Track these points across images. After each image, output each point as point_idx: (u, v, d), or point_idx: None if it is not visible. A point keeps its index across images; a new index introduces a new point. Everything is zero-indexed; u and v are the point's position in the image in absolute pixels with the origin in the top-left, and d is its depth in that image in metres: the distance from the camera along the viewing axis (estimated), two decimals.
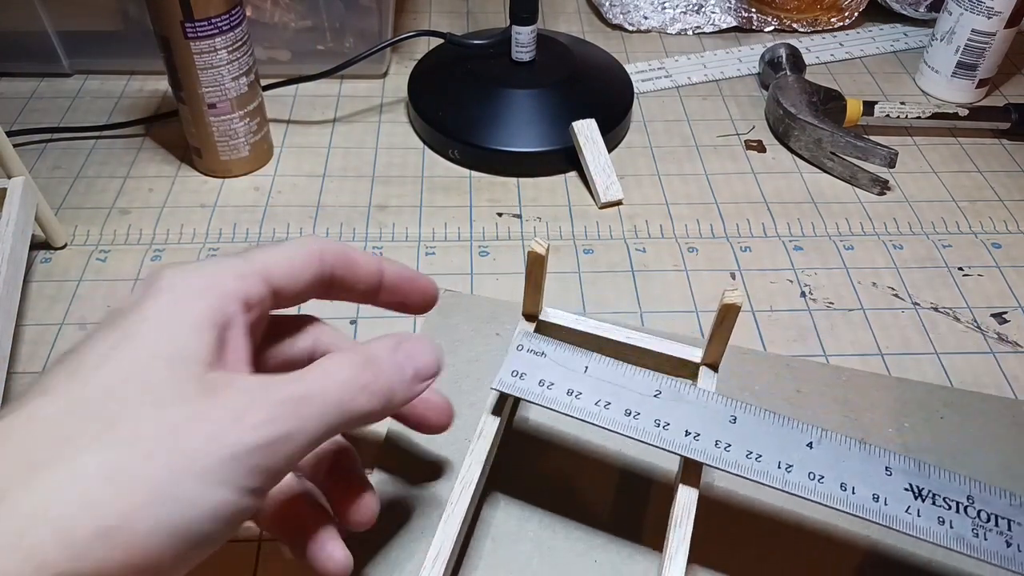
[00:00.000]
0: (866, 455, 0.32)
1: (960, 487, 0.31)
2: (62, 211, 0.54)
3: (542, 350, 0.35)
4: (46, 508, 0.21)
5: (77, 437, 0.22)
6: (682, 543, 0.31)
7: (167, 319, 0.25)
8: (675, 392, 0.34)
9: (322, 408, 0.26)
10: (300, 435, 0.25)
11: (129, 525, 0.21)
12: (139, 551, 0.22)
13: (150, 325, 0.25)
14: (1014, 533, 0.30)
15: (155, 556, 0.22)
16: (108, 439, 0.22)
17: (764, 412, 0.33)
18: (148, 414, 0.23)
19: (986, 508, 0.31)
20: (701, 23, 0.75)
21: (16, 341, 0.45)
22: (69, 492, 0.21)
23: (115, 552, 0.21)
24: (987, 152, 0.62)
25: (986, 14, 0.61)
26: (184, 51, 0.50)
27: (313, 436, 0.25)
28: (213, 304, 0.26)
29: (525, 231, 0.53)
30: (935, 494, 0.31)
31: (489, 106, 0.59)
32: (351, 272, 0.32)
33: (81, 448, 0.22)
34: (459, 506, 0.32)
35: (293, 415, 0.25)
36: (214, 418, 0.23)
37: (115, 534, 0.21)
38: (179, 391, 0.24)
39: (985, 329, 0.47)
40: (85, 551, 0.21)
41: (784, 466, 0.32)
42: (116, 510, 0.21)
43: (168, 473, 0.22)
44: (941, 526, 0.30)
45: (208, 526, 0.23)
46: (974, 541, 0.30)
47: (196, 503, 0.23)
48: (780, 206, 0.56)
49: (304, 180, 0.57)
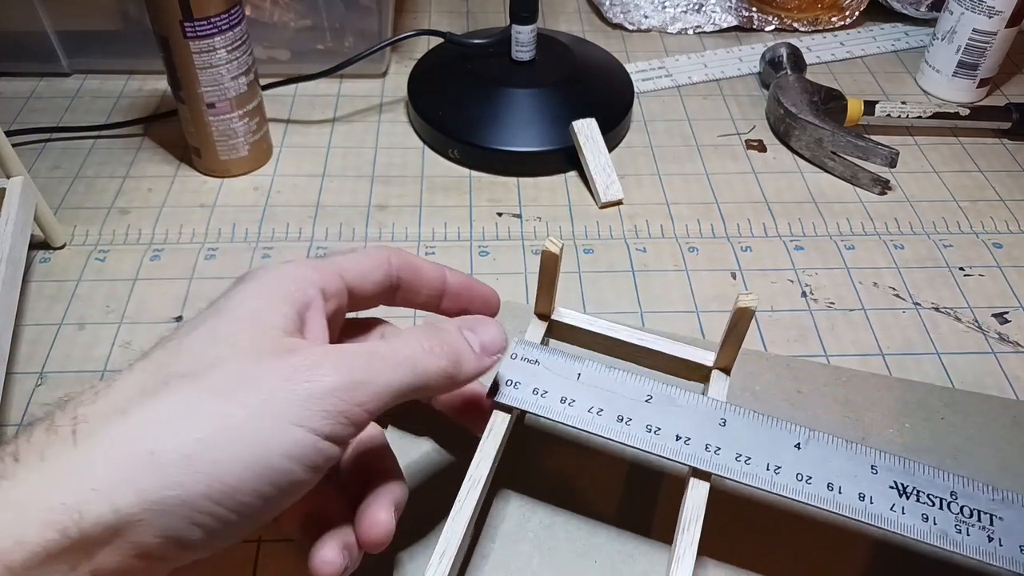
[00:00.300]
0: (852, 454, 0.33)
1: (944, 483, 0.32)
2: (61, 211, 0.54)
3: (536, 358, 0.36)
4: (134, 437, 0.23)
5: (166, 383, 0.25)
6: (692, 542, 0.31)
7: (253, 297, 0.28)
8: (666, 396, 0.35)
9: (393, 363, 0.28)
10: (372, 385, 0.27)
11: (209, 454, 0.24)
12: (218, 480, 0.24)
13: (237, 302, 0.28)
14: (996, 528, 0.31)
15: (233, 485, 0.24)
16: (193, 385, 0.25)
17: (753, 414, 0.34)
18: (230, 365, 0.25)
19: (969, 503, 0.31)
20: (702, 22, 0.75)
21: (15, 341, 0.45)
22: (155, 425, 0.24)
23: (197, 477, 0.23)
24: (988, 152, 0.61)
25: (987, 13, 0.61)
26: (183, 50, 0.50)
27: (386, 387, 0.27)
28: (292, 287, 0.29)
29: (525, 231, 0.53)
30: (919, 491, 0.32)
31: (489, 106, 0.59)
32: (416, 277, 0.34)
33: (170, 390, 0.25)
34: (467, 504, 0.32)
35: (366, 366, 0.27)
36: (291, 364, 0.26)
37: (195, 461, 0.23)
38: (260, 347, 0.26)
39: (986, 329, 0.47)
40: (170, 475, 0.23)
41: (773, 468, 0.32)
42: (196, 439, 0.24)
43: (246, 411, 0.24)
44: (925, 523, 0.31)
45: (284, 463, 0.25)
46: (957, 537, 0.31)
47: (272, 440, 0.24)
48: (781, 206, 0.56)
49: (304, 180, 0.57)
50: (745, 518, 0.37)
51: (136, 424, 0.24)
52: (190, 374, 0.25)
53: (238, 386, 0.25)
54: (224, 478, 0.24)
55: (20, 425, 0.41)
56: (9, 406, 0.41)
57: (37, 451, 0.23)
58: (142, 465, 0.23)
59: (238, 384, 0.25)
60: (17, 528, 0.22)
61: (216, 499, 0.24)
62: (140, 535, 0.23)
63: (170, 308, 0.47)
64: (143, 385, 0.25)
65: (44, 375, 0.43)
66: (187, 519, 0.23)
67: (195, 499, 0.23)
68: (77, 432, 0.24)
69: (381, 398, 0.27)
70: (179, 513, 0.23)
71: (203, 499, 0.23)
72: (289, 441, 0.25)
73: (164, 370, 0.25)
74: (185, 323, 0.28)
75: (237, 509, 0.24)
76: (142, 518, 0.23)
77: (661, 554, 0.36)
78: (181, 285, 0.49)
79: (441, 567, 0.30)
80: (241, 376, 0.25)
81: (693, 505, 0.32)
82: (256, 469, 0.24)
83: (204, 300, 0.47)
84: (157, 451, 0.23)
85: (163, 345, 0.27)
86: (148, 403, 0.24)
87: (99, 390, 0.25)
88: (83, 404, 0.25)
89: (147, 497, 0.23)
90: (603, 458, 0.40)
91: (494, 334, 0.32)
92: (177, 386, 0.25)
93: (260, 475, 0.24)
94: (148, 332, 0.46)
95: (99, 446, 0.23)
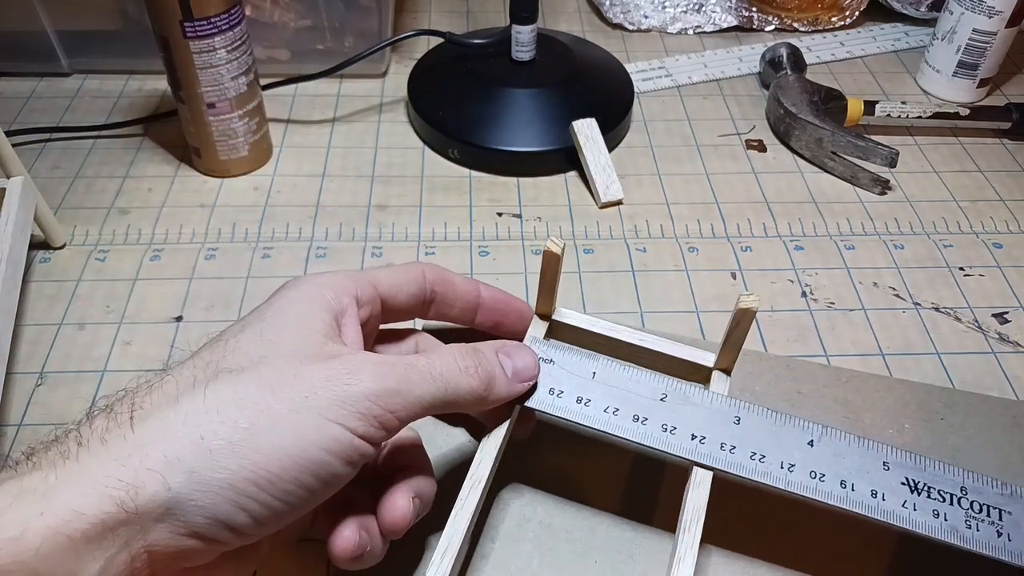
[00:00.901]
0: (865, 450, 0.33)
1: (954, 479, 0.32)
2: (61, 211, 0.54)
3: (551, 357, 0.36)
4: (186, 423, 0.25)
5: (216, 376, 0.27)
6: (693, 543, 0.31)
7: (294, 305, 0.30)
8: (681, 395, 0.35)
9: (428, 377, 0.30)
10: (406, 394, 0.29)
11: (254, 442, 0.26)
12: (262, 467, 0.25)
13: (279, 307, 0.30)
14: (1005, 523, 0.31)
15: (276, 473, 0.26)
16: (241, 377, 0.27)
17: (767, 411, 0.34)
18: (276, 363, 0.28)
19: (979, 499, 0.32)
20: (702, 22, 0.75)
21: (15, 341, 0.45)
22: (205, 413, 0.26)
23: (243, 463, 0.25)
24: (988, 152, 0.61)
25: (987, 13, 0.61)
26: (183, 50, 0.50)
27: (418, 399, 0.29)
28: (329, 296, 0.31)
29: (525, 231, 0.53)
30: (930, 487, 0.32)
31: (489, 106, 0.59)
32: (450, 291, 0.36)
33: (220, 382, 0.27)
34: (468, 503, 0.32)
35: (402, 377, 0.29)
36: (332, 368, 0.28)
37: (241, 448, 0.25)
38: (303, 350, 0.28)
39: (986, 329, 0.47)
40: (217, 459, 0.25)
41: (787, 466, 0.32)
42: (242, 428, 0.26)
43: (289, 405, 0.26)
44: (936, 519, 0.31)
45: (322, 455, 0.26)
46: (967, 532, 0.31)
47: (312, 433, 0.26)
48: (781, 206, 0.56)
49: (303, 180, 0.57)
50: (750, 507, 0.37)
51: (188, 411, 0.26)
52: (238, 368, 0.27)
53: (282, 382, 0.27)
54: (268, 466, 0.26)
55: (20, 425, 0.41)
56: (9, 406, 0.41)
57: (98, 436, 0.25)
58: (192, 449, 0.25)
59: (282, 380, 0.27)
60: (79, 500, 0.23)
61: (261, 485, 0.26)
62: (190, 514, 0.25)
63: (170, 308, 0.47)
64: (194, 378, 0.27)
65: (44, 375, 0.43)
66: (234, 502, 0.25)
67: (241, 483, 0.25)
68: (134, 418, 0.26)
69: (412, 408, 0.29)
70: (226, 496, 0.25)
71: (249, 484, 0.25)
72: (327, 436, 0.27)
73: (213, 366, 0.28)
74: (230, 327, 0.30)
75: (280, 496, 0.26)
76: (192, 498, 0.25)
77: (662, 554, 0.36)
78: (181, 285, 0.49)
79: (443, 566, 0.30)
80: (285, 373, 0.27)
81: (694, 507, 0.32)
82: (298, 459, 0.26)
83: (204, 300, 0.48)
84: (206, 436, 0.25)
85: (211, 346, 0.29)
86: (199, 393, 0.26)
87: (153, 384, 0.27)
88: (139, 394, 0.27)
89: (197, 478, 0.25)
90: (606, 448, 0.40)
91: (528, 362, 0.34)
92: (227, 379, 0.27)
93: (301, 465, 0.26)
94: (148, 332, 0.46)
95: (154, 430, 0.25)
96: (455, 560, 0.30)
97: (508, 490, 0.38)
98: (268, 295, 0.32)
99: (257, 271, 0.50)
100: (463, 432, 0.40)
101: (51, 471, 0.24)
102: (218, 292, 0.48)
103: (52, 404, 0.42)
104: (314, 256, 0.51)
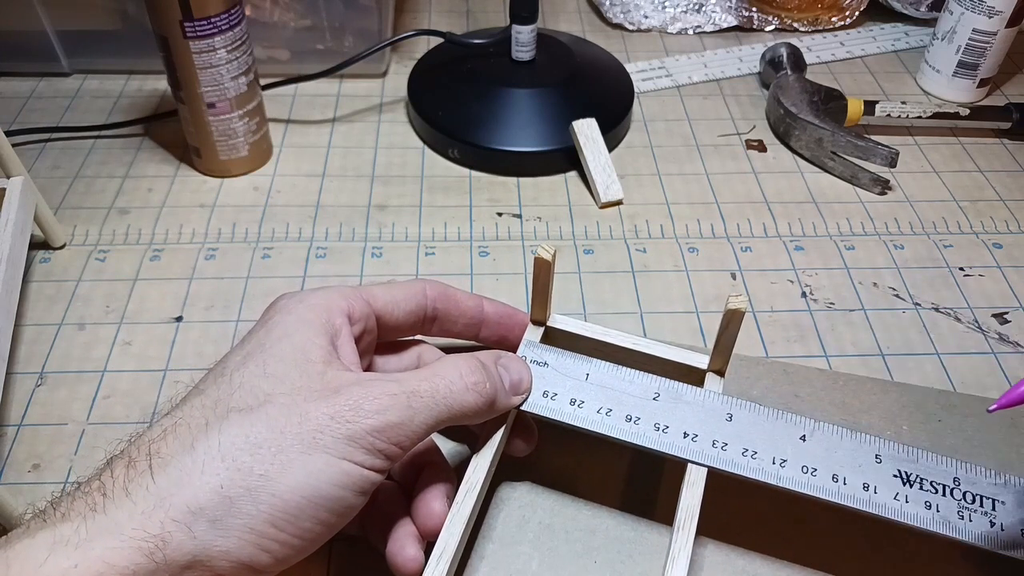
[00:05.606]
0: (857, 443, 0.33)
1: (946, 469, 0.33)
2: (61, 211, 0.54)
3: (544, 360, 0.36)
4: (204, 472, 0.26)
5: (226, 417, 0.28)
6: (687, 542, 0.31)
7: (291, 332, 0.31)
8: (673, 393, 0.35)
9: (431, 402, 0.30)
10: (410, 424, 0.29)
11: (271, 487, 0.26)
12: (280, 509, 0.26)
13: (276, 337, 0.30)
14: (998, 512, 0.31)
15: (294, 513, 0.27)
16: (251, 418, 0.28)
17: (759, 407, 0.34)
18: (281, 401, 0.28)
19: (972, 489, 0.32)
20: (702, 22, 0.75)
21: (15, 341, 0.45)
22: (220, 461, 0.26)
23: (260, 508, 0.26)
24: (988, 152, 0.61)
25: (987, 13, 0.61)
26: (183, 50, 0.50)
27: (422, 426, 0.30)
28: (323, 317, 0.31)
29: (525, 231, 0.53)
30: (922, 478, 0.32)
31: (489, 106, 0.59)
32: (453, 306, 0.36)
33: (231, 423, 0.27)
34: (464, 507, 0.32)
35: (405, 406, 0.29)
36: (335, 405, 0.28)
37: (259, 494, 0.26)
38: (306, 386, 0.29)
39: (986, 329, 0.47)
40: (237, 507, 0.26)
41: (779, 461, 0.33)
42: (259, 475, 0.26)
43: (299, 448, 0.27)
44: (928, 511, 0.31)
45: (335, 491, 0.27)
46: (959, 524, 0.31)
47: (323, 472, 0.27)
48: (781, 206, 0.56)
49: (303, 180, 0.57)
50: (749, 504, 0.37)
51: (205, 460, 0.27)
52: (247, 408, 0.28)
53: (290, 423, 0.28)
54: (285, 508, 0.27)
55: (20, 425, 0.41)
56: (9, 406, 0.41)
57: (121, 485, 0.26)
58: (213, 499, 0.26)
59: (290, 421, 0.28)
60: (110, 553, 0.24)
61: (280, 526, 0.27)
62: (216, 560, 0.26)
63: (170, 308, 0.47)
64: (206, 420, 0.28)
65: (44, 375, 0.43)
66: (256, 544, 0.26)
67: (261, 526, 0.26)
68: (153, 467, 0.26)
69: (416, 435, 0.30)
70: (248, 539, 0.26)
71: (268, 526, 0.26)
72: (338, 472, 0.28)
73: (223, 405, 0.28)
74: (232, 355, 0.31)
75: (299, 534, 0.27)
76: (216, 544, 0.26)
77: (662, 554, 0.36)
78: (181, 285, 0.49)
79: (439, 569, 0.30)
80: (292, 413, 0.28)
81: (688, 505, 0.32)
82: (312, 499, 0.27)
83: (204, 300, 0.48)
84: (225, 486, 0.26)
85: (215, 381, 0.29)
86: (213, 438, 0.27)
87: (166, 427, 0.28)
88: (155, 441, 0.27)
89: (219, 526, 0.26)
90: (605, 447, 0.39)
91: (523, 375, 0.34)
92: (237, 420, 0.28)
93: (317, 503, 0.27)
94: (148, 332, 0.46)
95: (174, 480, 0.26)
96: (451, 563, 0.30)
97: (507, 490, 0.38)
98: (268, 295, 0.32)
99: (257, 271, 0.50)
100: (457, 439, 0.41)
101: (81, 523, 0.25)
102: (218, 292, 0.48)
103: (52, 404, 0.42)
104: (314, 256, 0.51)
